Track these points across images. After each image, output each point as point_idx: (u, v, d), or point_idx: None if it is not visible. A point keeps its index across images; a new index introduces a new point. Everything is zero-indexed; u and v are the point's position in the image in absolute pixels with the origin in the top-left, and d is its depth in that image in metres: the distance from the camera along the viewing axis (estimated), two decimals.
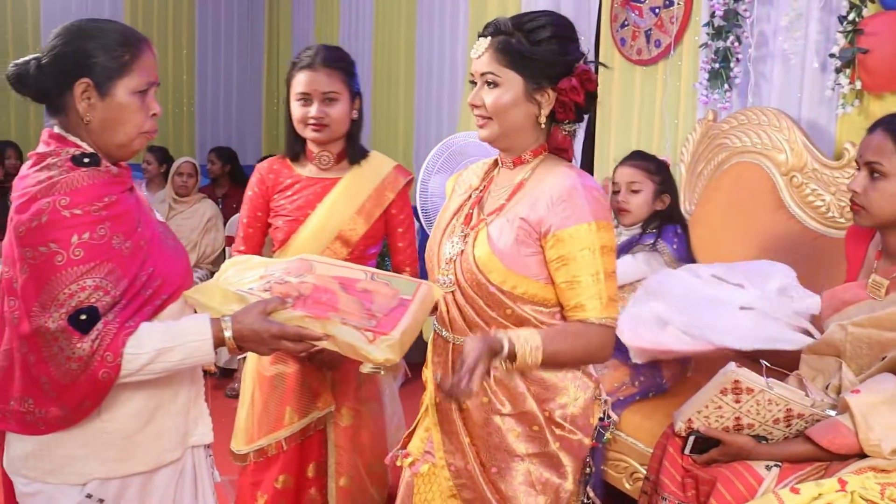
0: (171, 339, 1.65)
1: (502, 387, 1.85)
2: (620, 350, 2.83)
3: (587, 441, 1.92)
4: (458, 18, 5.42)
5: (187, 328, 1.68)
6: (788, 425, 2.11)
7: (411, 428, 2.10)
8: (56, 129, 1.72)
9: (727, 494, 2.05)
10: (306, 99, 2.44)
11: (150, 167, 5.84)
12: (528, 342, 1.72)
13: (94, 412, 1.67)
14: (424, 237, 2.74)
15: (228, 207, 5.98)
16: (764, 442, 2.14)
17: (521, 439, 1.86)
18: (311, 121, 2.43)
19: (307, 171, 2.55)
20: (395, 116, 6.21)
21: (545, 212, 1.78)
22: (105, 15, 6.79)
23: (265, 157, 2.94)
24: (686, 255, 2.94)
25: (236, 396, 4.59)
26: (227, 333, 1.68)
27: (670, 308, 2.41)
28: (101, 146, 1.72)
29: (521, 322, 1.81)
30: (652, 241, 2.92)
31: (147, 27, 7.66)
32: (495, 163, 2.00)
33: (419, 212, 3.78)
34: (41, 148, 1.70)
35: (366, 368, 2.01)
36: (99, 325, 1.58)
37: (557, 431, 1.86)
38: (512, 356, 1.71)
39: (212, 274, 5.33)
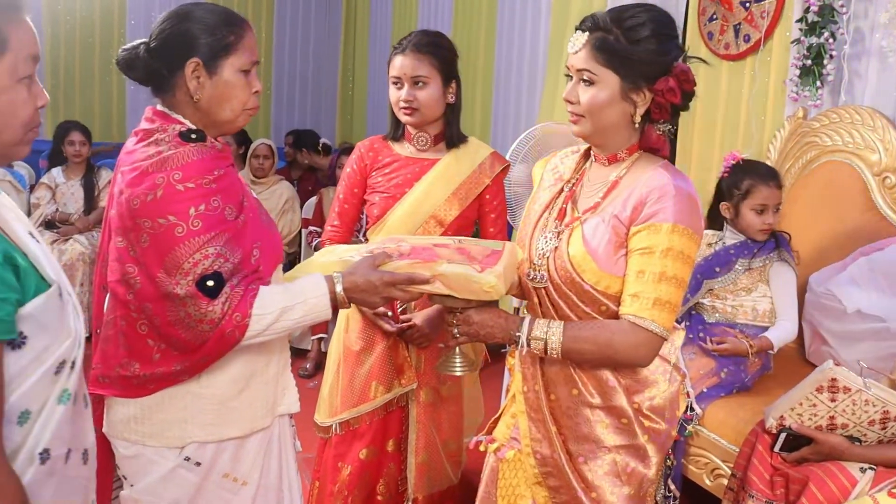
0: (291, 298, 1.72)
1: (593, 379, 1.84)
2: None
3: (673, 432, 1.91)
4: (539, 9, 5.34)
5: (305, 286, 1.74)
6: (884, 428, 2.07)
7: (497, 414, 2.11)
8: (159, 107, 1.78)
9: (819, 494, 2.03)
10: (398, 82, 2.52)
11: (230, 149, 5.84)
12: (549, 322, 1.79)
13: (197, 374, 1.73)
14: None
15: (304, 190, 6.04)
16: (857, 443, 2.10)
17: (609, 430, 1.85)
18: (402, 104, 2.51)
19: (406, 150, 2.61)
20: (472, 107, 6.08)
21: (634, 207, 1.75)
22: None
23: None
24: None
25: (308, 376, 4.72)
26: (339, 287, 1.75)
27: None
28: (207, 122, 1.78)
29: (614, 318, 1.79)
30: (773, 250, 2.93)
31: None
32: (585, 154, 1.97)
33: None
34: (145, 125, 1.76)
35: (443, 369, 1.96)
36: (226, 289, 1.65)
37: (646, 423, 1.84)
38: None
39: (287, 255, 5.43)
